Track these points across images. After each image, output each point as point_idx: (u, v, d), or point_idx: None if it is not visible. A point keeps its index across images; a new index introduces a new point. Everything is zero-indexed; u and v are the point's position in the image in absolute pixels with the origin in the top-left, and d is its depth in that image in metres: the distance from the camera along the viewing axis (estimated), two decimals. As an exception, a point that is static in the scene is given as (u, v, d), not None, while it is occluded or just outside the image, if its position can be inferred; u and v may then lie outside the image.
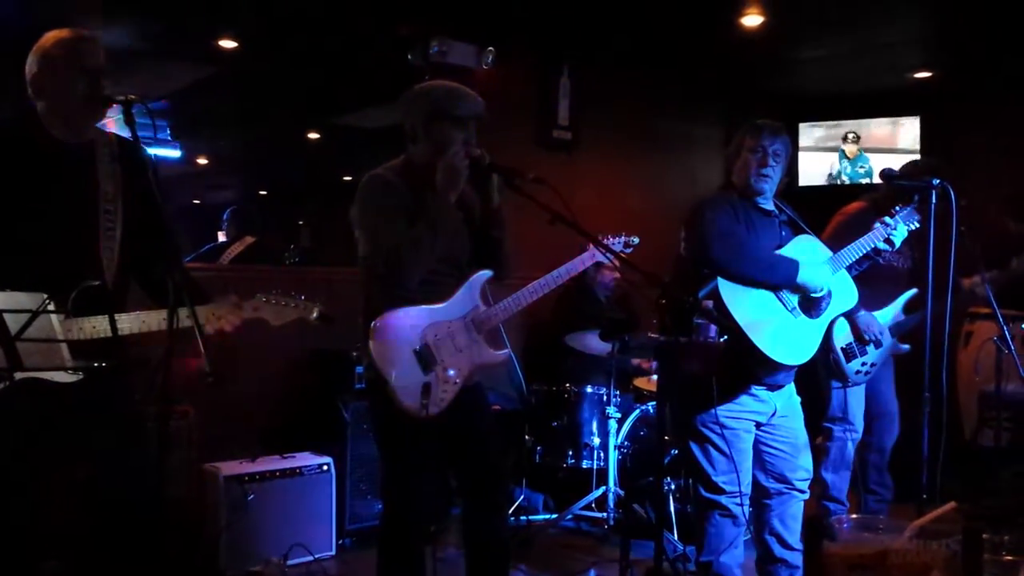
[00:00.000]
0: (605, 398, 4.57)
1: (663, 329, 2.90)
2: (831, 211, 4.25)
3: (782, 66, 6.08)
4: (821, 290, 3.13)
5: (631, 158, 6.35)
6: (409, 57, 5.10)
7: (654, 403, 4.66)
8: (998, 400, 4.02)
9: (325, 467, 4.09)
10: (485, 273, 2.93)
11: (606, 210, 5.78)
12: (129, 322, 2.34)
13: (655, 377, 4.86)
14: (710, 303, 2.98)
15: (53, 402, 2.34)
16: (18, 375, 2.24)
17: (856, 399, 4.11)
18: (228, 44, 5.60)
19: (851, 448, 4.13)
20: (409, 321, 2.77)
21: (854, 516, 2.31)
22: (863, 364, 3.96)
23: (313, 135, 8.49)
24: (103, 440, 2.44)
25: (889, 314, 4.07)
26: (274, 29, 5.22)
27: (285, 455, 4.10)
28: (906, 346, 4.08)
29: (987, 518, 3.15)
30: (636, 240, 3.51)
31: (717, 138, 6.93)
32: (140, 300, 2.54)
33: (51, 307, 2.14)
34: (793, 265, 3.08)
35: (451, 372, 2.82)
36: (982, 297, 3.85)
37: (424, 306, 2.80)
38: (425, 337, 2.78)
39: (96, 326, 2.32)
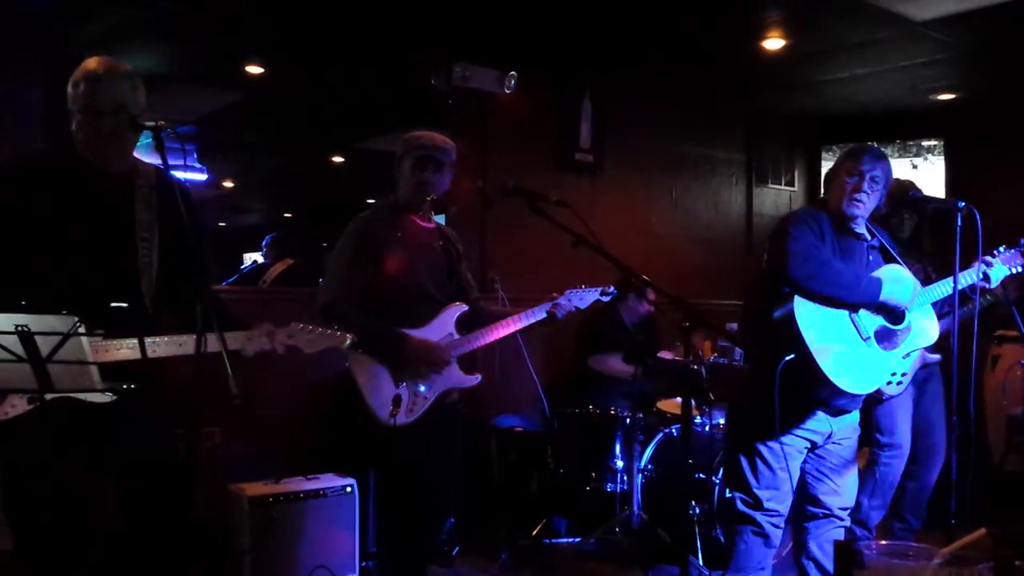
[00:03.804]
0: (629, 421, 4.55)
1: (687, 352, 2.91)
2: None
3: (804, 89, 6.08)
4: (906, 307, 3.06)
5: (653, 181, 6.36)
6: (432, 82, 5.16)
7: (678, 426, 4.64)
8: (1026, 424, 3.97)
9: (349, 489, 4.09)
10: (461, 306, 3.27)
11: (628, 233, 5.79)
12: (165, 345, 2.38)
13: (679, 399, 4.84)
14: (734, 325, 2.97)
15: (86, 422, 2.37)
16: (53, 395, 2.27)
17: (903, 422, 4.03)
18: (255, 70, 5.68)
19: (896, 475, 4.04)
20: None
21: (883, 542, 2.28)
22: (892, 374, 3.91)
23: (337, 159, 8.57)
24: (134, 460, 2.47)
25: None
26: (300, 55, 5.29)
27: (309, 476, 4.11)
28: (936, 356, 4.03)
29: (1018, 544, 3.10)
30: (612, 290, 3.52)
31: (739, 161, 6.93)
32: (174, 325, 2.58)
33: (81, 329, 2.17)
34: (876, 283, 3.01)
35: (422, 387, 3.11)
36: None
37: (403, 329, 3.14)
38: None
39: (132, 349, 2.35)
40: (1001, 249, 3.27)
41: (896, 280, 3.05)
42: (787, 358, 2.89)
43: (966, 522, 3.13)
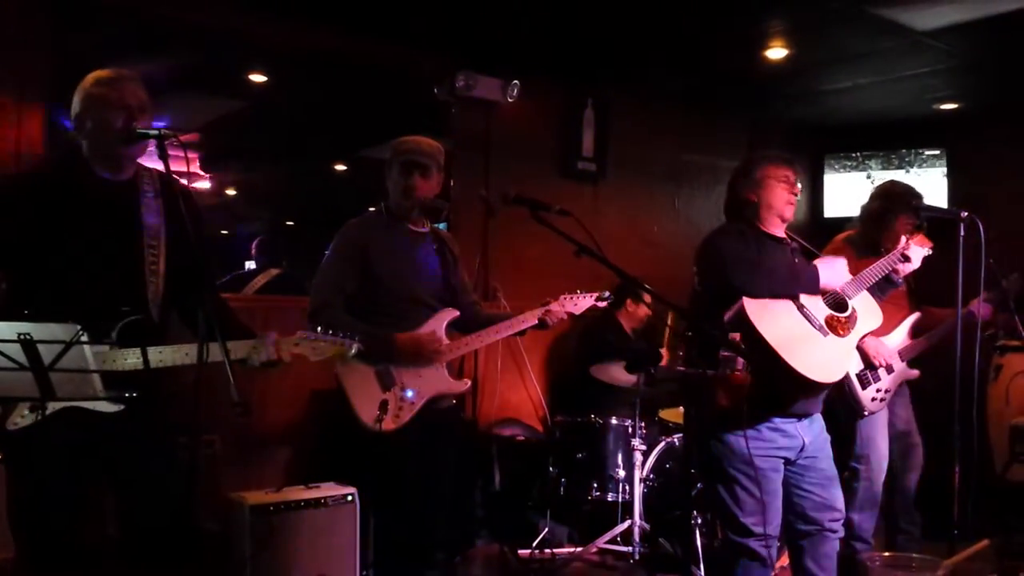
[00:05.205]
0: (630, 430, 4.55)
1: (689, 362, 2.90)
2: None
3: (806, 98, 6.08)
4: (846, 294, 3.13)
5: (655, 189, 6.36)
6: (435, 91, 5.17)
7: (680, 435, 4.63)
8: (1029, 434, 3.97)
9: (349, 497, 4.08)
10: (452, 312, 3.28)
11: (631, 242, 5.79)
12: (172, 354, 2.38)
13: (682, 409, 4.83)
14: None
15: (94, 431, 2.38)
16: (60, 405, 2.29)
17: (880, 435, 4.04)
18: (258, 78, 5.69)
19: (878, 486, 4.06)
20: None
21: (886, 554, 2.27)
22: (877, 391, 3.92)
23: (340, 167, 8.58)
24: (139, 469, 2.48)
25: (896, 338, 4.04)
26: (303, 63, 5.30)
27: (310, 485, 4.10)
28: (915, 372, 4.05)
29: (1021, 555, 3.09)
30: (608, 294, 3.57)
31: (742, 170, 6.93)
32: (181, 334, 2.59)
33: (84, 338, 2.17)
34: (813, 270, 3.09)
35: (408, 393, 3.11)
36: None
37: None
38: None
39: (139, 359, 2.36)
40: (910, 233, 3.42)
41: (828, 264, 3.15)
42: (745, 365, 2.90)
43: (969, 533, 3.12)
